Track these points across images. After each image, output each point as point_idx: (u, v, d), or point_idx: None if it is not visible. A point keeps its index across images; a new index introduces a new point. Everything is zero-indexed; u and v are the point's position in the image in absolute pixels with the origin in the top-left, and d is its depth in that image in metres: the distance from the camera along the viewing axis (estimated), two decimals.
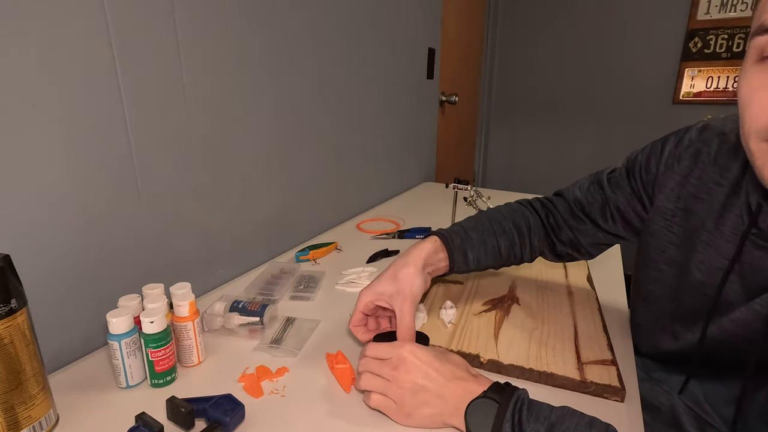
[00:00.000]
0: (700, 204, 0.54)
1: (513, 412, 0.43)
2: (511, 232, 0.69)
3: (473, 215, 0.72)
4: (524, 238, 0.70)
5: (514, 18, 2.65)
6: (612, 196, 0.65)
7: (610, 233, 0.67)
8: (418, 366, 0.48)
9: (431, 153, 1.86)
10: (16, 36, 0.49)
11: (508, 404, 0.43)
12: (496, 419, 0.43)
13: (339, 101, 1.12)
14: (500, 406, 0.43)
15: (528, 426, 0.42)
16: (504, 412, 0.43)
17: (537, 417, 0.42)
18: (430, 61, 1.66)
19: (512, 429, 0.42)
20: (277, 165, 0.93)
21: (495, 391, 0.45)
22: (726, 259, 0.51)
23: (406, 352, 0.49)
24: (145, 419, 0.46)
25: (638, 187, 0.62)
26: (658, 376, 0.65)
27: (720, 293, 0.51)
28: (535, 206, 0.74)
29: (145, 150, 0.65)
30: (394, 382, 0.48)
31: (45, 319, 0.55)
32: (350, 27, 1.11)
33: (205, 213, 0.77)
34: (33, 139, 0.52)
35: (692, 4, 2.19)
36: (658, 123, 2.41)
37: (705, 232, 0.53)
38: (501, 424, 0.42)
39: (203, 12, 0.70)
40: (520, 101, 2.78)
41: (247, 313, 0.65)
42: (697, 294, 0.54)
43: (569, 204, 0.70)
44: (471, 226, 0.68)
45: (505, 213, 0.71)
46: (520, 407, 0.43)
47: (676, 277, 0.57)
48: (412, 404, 0.47)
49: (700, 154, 0.55)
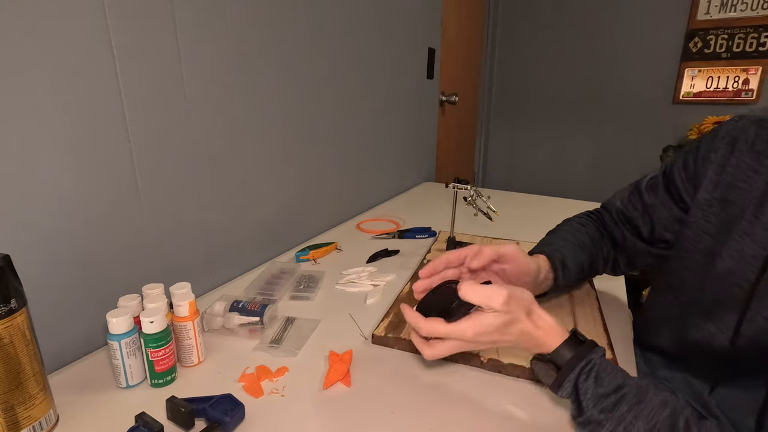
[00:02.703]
0: (738, 193, 0.52)
1: (577, 376, 0.45)
2: (587, 244, 0.69)
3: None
4: (599, 249, 0.70)
5: (514, 18, 2.65)
6: (651, 203, 0.64)
7: (651, 241, 0.66)
8: (483, 338, 0.48)
9: (431, 153, 1.86)
10: (16, 36, 0.49)
11: (570, 372, 0.46)
12: (554, 384, 0.47)
13: (339, 101, 1.12)
14: (561, 371, 0.46)
15: (590, 392, 0.44)
16: (563, 380, 0.46)
17: (602, 383, 0.44)
18: (430, 61, 1.66)
19: (573, 391, 0.45)
20: (277, 165, 0.93)
21: (560, 355, 0.47)
22: (763, 249, 0.48)
23: (471, 333, 0.48)
24: (145, 419, 0.46)
25: (677, 189, 0.61)
26: (664, 373, 0.65)
27: (758, 284, 0.49)
28: (589, 218, 0.75)
29: (145, 150, 0.65)
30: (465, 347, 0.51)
31: (45, 319, 0.55)
32: (350, 27, 1.11)
33: (205, 213, 0.77)
34: (33, 139, 0.52)
35: (692, 4, 2.19)
36: (658, 123, 2.41)
37: (744, 221, 0.51)
38: (558, 388, 0.46)
39: (203, 12, 0.70)
40: (520, 101, 2.78)
41: (247, 313, 0.65)
42: (724, 283, 0.52)
43: (612, 215, 0.71)
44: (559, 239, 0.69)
45: (573, 227, 0.72)
46: (588, 372, 0.45)
47: (705, 265, 0.55)
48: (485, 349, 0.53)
49: (737, 143, 0.54)
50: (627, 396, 0.42)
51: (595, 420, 0.43)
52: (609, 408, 0.42)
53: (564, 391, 0.46)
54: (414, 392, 0.54)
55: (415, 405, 0.52)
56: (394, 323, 0.66)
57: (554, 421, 0.50)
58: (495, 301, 0.47)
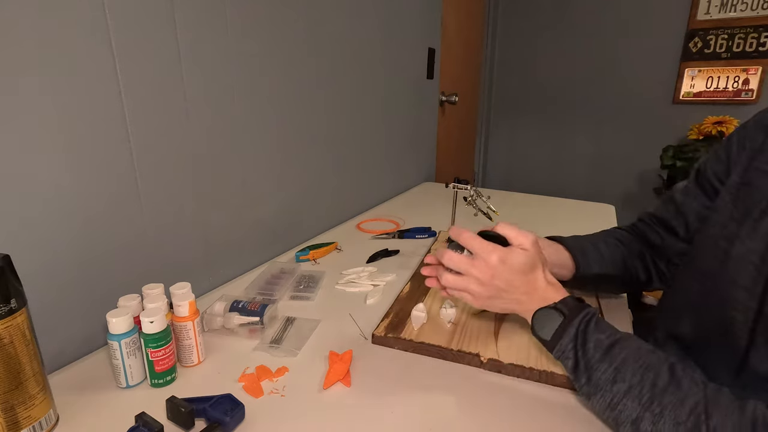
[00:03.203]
0: (764, 178, 0.51)
1: (580, 321, 0.47)
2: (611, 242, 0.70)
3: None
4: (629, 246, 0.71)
5: (514, 18, 2.65)
6: (682, 201, 0.65)
7: (688, 239, 0.65)
8: (503, 273, 0.51)
9: (431, 153, 1.86)
10: (16, 36, 0.49)
11: (575, 317, 0.48)
12: (558, 329, 0.49)
13: (339, 101, 1.12)
14: (565, 318, 0.49)
15: (592, 336, 0.46)
16: (567, 324, 0.48)
17: (603, 330, 0.47)
18: (430, 61, 1.66)
19: (575, 336, 0.47)
20: (277, 165, 0.93)
21: (565, 303, 0.50)
22: None
23: (496, 258, 0.51)
24: (145, 419, 0.46)
25: (708, 181, 0.61)
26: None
27: None
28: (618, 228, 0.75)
29: (145, 150, 0.65)
30: (476, 283, 0.52)
31: (45, 319, 0.55)
32: (350, 27, 1.11)
33: (205, 213, 0.77)
34: (33, 139, 0.52)
35: (692, 4, 2.20)
36: (658, 123, 2.41)
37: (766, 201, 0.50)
38: (562, 333, 0.48)
39: (203, 12, 0.70)
40: (520, 101, 2.78)
41: (247, 313, 0.65)
42: (742, 264, 0.50)
43: (645, 221, 0.72)
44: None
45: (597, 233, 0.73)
46: (588, 320, 0.48)
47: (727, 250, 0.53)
48: (488, 303, 0.54)
49: None
50: (622, 339, 0.47)
51: (595, 362, 0.46)
52: (606, 348, 0.46)
53: (567, 336, 0.48)
54: (414, 392, 0.54)
55: (415, 405, 0.52)
56: (394, 323, 0.66)
57: (554, 420, 0.50)
58: (527, 238, 0.53)
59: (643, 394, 0.41)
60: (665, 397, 0.39)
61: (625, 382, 0.42)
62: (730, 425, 0.36)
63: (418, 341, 0.61)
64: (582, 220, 1.23)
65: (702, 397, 0.38)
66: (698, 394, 0.38)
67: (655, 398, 0.40)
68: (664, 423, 0.38)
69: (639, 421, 0.40)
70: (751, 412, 0.36)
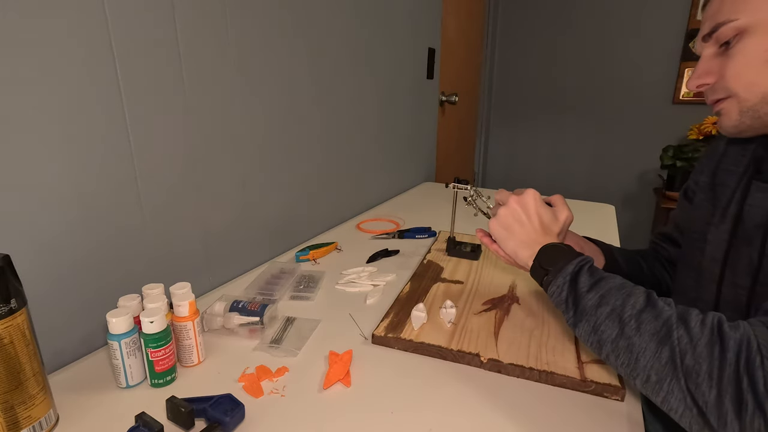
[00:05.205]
0: (730, 176, 0.58)
1: (580, 260, 0.53)
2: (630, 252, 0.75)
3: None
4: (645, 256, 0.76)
5: (514, 18, 2.65)
6: (677, 214, 0.72)
7: None
8: (533, 208, 0.59)
9: (431, 153, 1.86)
10: (16, 36, 0.49)
11: (578, 256, 0.53)
12: (563, 261, 0.53)
13: (339, 101, 1.12)
14: (570, 254, 0.54)
15: (584, 274, 0.51)
16: (573, 258, 0.53)
17: (594, 271, 0.52)
18: (430, 61, 1.66)
19: (573, 270, 0.51)
20: (277, 165, 0.93)
21: (571, 248, 0.55)
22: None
23: (530, 196, 0.60)
24: (145, 419, 0.46)
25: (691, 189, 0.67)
26: None
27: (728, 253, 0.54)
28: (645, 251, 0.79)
29: (145, 150, 0.65)
30: (503, 212, 0.60)
31: (45, 319, 0.55)
32: (351, 27, 1.11)
33: (205, 213, 0.77)
34: (33, 139, 0.52)
35: (692, 4, 2.19)
36: (658, 123, 2.41)
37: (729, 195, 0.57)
38: (565, 265, 0.52)
39: (203, 12, 0.70)
40: (520, 101, 2.78)
41: (247, 313, 0.65)
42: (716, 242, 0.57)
43: (655, 241, 0.78)
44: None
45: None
46: (585, 263, 0.52)
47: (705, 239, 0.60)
48: (510, 232, 0.59)
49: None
50: (609, 276, 0.51)
51: (584, 292, 0.50)
52: (595, 282, 0.50)
53: (568, 268, 0.52)
54: (414, 392, 0.54)
55: (415, 405, 0.52)
56: (394, 323, 0.66)
57: (554, 420, 0.50)
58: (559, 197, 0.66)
59: (624, 313, 0.46)
60: (642, 315, 0.45)
61: (608, 305, 0.47)
62: (697, 329, 0.42)
63: (418, 341, 0.61)
64: (582, 220, 1.23)
65: (673, 313, 0.44)
66: (670, 311, 0.44)
67: (633, 317, 0.45)
68: (641, 336, 0.44)
69: (619, 338, 0.45)
70: (710, 319, 0.42)
